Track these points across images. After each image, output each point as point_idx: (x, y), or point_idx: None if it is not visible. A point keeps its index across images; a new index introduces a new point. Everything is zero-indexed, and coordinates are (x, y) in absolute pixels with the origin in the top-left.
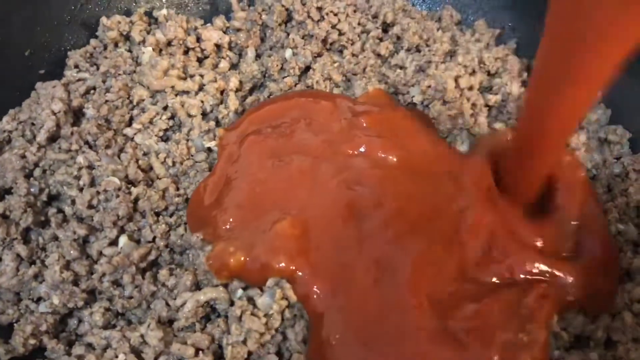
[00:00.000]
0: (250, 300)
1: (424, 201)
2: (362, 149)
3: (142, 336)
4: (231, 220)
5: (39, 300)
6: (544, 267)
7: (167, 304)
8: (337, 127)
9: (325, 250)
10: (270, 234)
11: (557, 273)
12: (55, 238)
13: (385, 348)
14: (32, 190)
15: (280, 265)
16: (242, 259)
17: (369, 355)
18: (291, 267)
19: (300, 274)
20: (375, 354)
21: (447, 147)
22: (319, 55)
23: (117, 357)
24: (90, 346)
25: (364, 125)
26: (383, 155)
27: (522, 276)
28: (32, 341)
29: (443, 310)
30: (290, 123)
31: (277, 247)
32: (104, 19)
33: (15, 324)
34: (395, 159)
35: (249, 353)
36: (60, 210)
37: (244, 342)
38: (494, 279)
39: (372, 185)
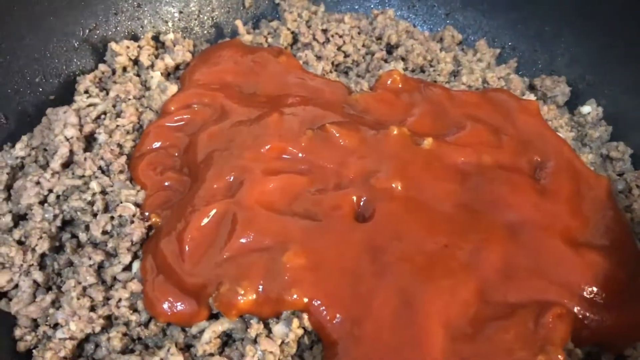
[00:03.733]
0: (266, 325)
1: (440, 229)
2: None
3: None
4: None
5: (56, 326)
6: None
7: (183, 330)
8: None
9: (340, 280)
10: (277, 266)
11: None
12: (71, 263)
13: None
14: (46, 216)
15: (294, 298)
16: (252, 297)
17: None
18: (305, 300)
19: (314, 304)
20: None
21: None
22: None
23: None
24: None
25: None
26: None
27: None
28: None
29: (460, 337)
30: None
31: (289, 280)
32: (112, 44)
33: (34, 350)
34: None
35: None
36: (74, 236)
37: None
38: (512, 300)
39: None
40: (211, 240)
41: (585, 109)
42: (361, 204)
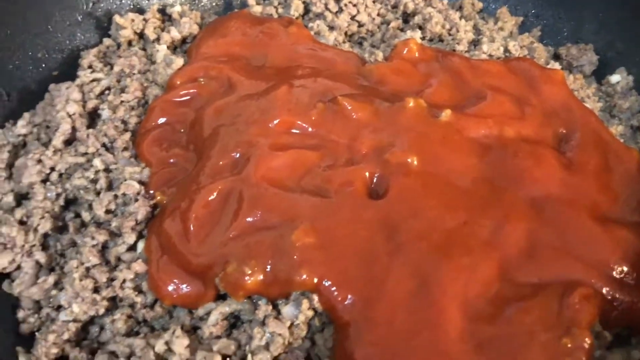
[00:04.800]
0: (275, 307)
1: (459, 206)
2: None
3: (167, 343)
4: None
5: (59, 308)
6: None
7: (190, 311)
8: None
9: (351, 259)
10: (286, 245)
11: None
12: (74, 244)
13: None
14: (49, 195)
15: (303, 278)
16: (260, 277)
17: None
18: (314, 281)
19: (324, 284)
20: None
21: None
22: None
23: None
24: (113, 354)
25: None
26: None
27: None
28: (54, 350)
29: (479, 319)
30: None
31: (297, 260)
32: (117, 17)
33: (37, 333)
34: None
35: (276, 359)
36: (78, 215)
37: (267, 347)
38: (535, 280)
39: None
40: (217, 219)
41: (615, 78)
42: (374, 179)
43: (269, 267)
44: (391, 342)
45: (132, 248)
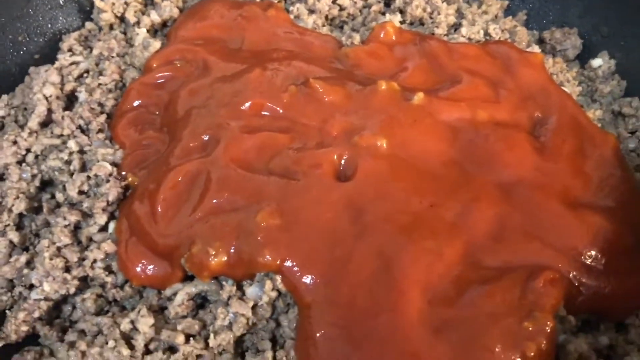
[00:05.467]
0: (240, 288)
1: (427, 189)
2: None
3: (132, 322)
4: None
5: (31, 287)
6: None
7: (159, 292)
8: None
9: (316, 241)
10: (251, 226)
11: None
12: (48, 224)
13: (372, 347)
14: (24, 176)
15: (267, 259)
16: (225, 259)
17: (353, 354)
18: (278, 262)
19: (287, 265)
20: (360, 353)
21: None
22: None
23: (107, 343)
24: (82, 332)
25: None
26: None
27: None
28: (24, 328)
29: (441, 302)
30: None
31: (262, 241)
32: (97, 1)
33: (7, 311)
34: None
35: (240, 339)
36: (53, 196)
37: (230, 327)
38: (500, 264)
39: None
40: (184, 200)
41: (596, 62)
42: (342, 162)
43: (233, 248)
44: (351, 324)
45: (104, 229)
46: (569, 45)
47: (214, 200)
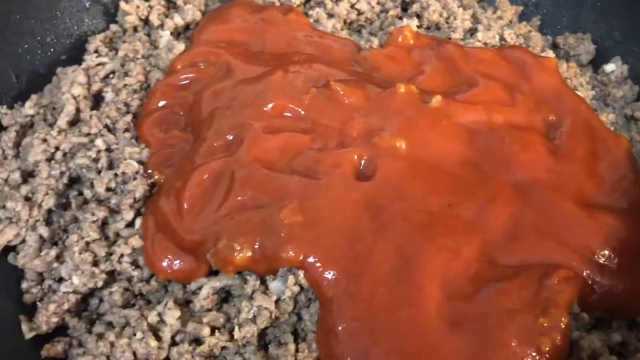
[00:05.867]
0: (263, 282)
1: (444, 189)
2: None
3: (159, 315)
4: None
5: (60, 280)
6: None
7: (184, 286)
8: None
9: (337, 237)
10: (274, 223)
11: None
12: (76, 220)
13: (392, 340)
14: (53, 173)
15: (290, 254)
16: (249, 254)
17: (373, 347)
18: (300, 257)
19: (310, 260)
20: (380, 346)
21: None
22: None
23: (135, 334)
24: (110, 324)
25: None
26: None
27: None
28: (54, 319)
29: (458, 298)
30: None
31: (285, 237)
32: (122, 4)
33: (38, 303)
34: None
35: (263, 332)
36: (80, 193)
37: (254, 320)
38: (516, 262)
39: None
40: (209, 197)
41: (609, 67)
42: (363, 162)
43: (257, 244)
44: (371, 318)
45: (131, 224)
46: (582, 50)
47: (238, 198)
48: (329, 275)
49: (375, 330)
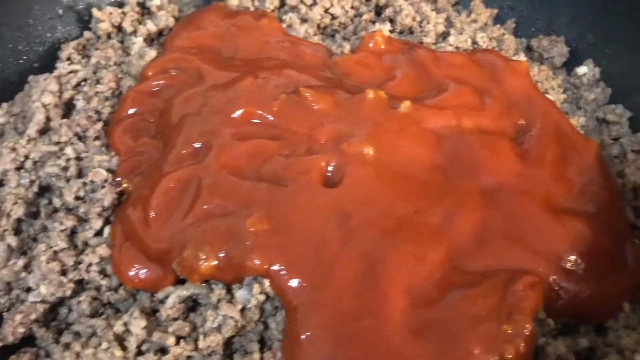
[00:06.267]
0: (229, 291)
1: (411, 195)
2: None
3: (125, 324)
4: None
5: (28, 290)
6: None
7: (152, 295)
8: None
9: (303, 245)
10: (240, 231)
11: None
12: (45, 229)
13: (357, 348)
14: (22, 182)
15: (255, 263)
16: (214, 263)
17: (337, 356)
18: (265, 266)
19: (275, 268)
20: (344, 355)
21: None
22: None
23: (100, 344)
24: (77, 334)
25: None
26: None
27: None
28: (21, 329)
29: (423, 305)
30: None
31: (250, 246)
32: (95, 11)
33: (5, 313)
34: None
35: (230, 341)
36: (51, 202)
37: (219, 329)
38: (482, 268)
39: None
40: (176, 206)
41: (582, 69)
42: (330, 169)
43: (222, 252)
44: (335, 326)
45: (99, 233)
46: (555, 53)
47: (205, 206)
48: (294, 283)
49: (339, 338)
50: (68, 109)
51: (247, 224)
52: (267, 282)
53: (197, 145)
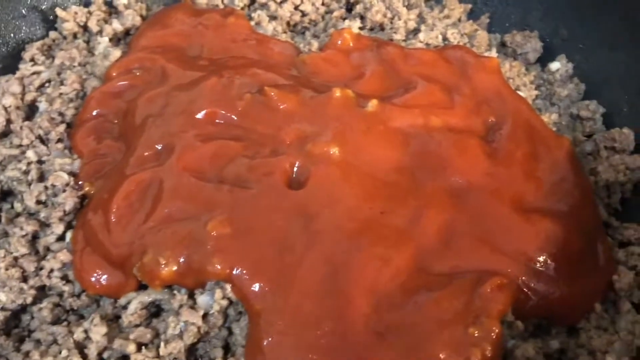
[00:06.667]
0: (192, 296)
1: (377, 196)
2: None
3: (85, 331)
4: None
5: None
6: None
7: (115, 301)
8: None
9: (266, 249)
10: (201, 235)
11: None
12: (6, 234)
13: (319, 354)
14: None
15: (216, 267)
16: (175, 268)
17: None
18: (227, 270)
19: (236, 273)
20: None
21: None
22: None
23: (60, 352)
24: (38, 342)
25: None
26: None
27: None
28: None
29: (388, 308)
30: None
31: (211, 250)
32: (58, 10)
33: None
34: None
35: (194, 347)
36: (12, 206)
37: (181, 335)
38: (449, 270)
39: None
40: (137, 210)
41: (554, 65)
42: (295, 169)
43: (183, 257)
44: (299, 331)
45: (61, 238)
46: (529, 48)
47: (166, 210)
48: (256, 288)
49: (302, 344)
50: (31, 110)
51: (209, 228)
52: (229, 287)
53: (159, 146)
